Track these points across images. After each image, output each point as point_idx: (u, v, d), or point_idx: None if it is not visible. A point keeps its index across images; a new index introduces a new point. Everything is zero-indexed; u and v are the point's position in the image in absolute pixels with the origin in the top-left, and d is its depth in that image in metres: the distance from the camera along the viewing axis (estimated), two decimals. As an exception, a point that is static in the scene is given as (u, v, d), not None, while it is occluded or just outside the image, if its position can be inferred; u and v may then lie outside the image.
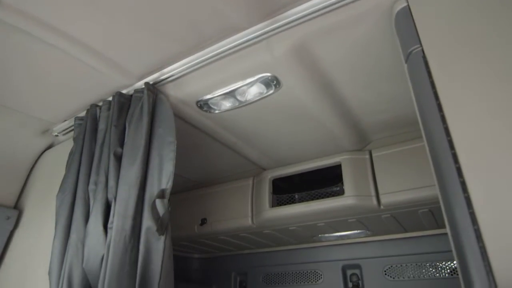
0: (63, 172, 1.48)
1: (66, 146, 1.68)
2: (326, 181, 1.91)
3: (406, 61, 0.97)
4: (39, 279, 1.30)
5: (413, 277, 2.04)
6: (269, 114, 1.56)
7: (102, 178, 1.31)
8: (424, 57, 0.89)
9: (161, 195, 1.26)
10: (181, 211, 2.35)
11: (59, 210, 1.37)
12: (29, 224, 1.58)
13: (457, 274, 1.96)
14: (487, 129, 0.73)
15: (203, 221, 2.19)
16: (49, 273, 1.26)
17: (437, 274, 2.00)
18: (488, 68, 0.80)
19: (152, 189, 1.28)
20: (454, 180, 0.71)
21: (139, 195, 1.25)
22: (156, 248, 1.23)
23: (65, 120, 1.72)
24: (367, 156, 1.79)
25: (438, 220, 1.86)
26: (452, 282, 1.92)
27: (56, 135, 1.80)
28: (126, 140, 1.34)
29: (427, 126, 0.83)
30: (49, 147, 1.91)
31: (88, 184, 1.35)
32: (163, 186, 1.27)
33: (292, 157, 1.96)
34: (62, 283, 1.21)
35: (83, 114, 1.58)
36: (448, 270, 1.98)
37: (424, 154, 1.63)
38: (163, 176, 1.29)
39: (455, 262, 1.98)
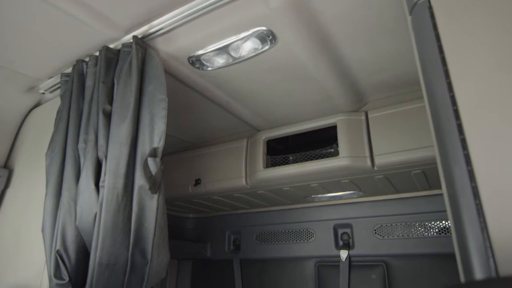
0: (51, 131, 1.44)
1: (53, 104, 1.63)
2: (320, 142, 1.89)
3: (410, 13, 0.91)
4: (33, 236, 1.30)
5: (402, 236, 2.10)
6: (263, 73, 1.51)
7: (91, 137, 1.27)
8: (430, 7, 0.84)
9: (153, 153, 1.23)
10: (175, 171, 2.35)
11: (49, 168, 1.34)
12: (20, 183, 1.56)
13: (445, 233, 2.03)
14: (492, 85, 0.70)
15: (197, 182, 2.20)
16: (42, 231, 1.26)
17: (426, 233, 2.05)
18: (498, 21, 0.75)
19: (143, 148, 1.25)
20: (454, 137, 0.69)
21: (130, 154, 1.23)
22: (150, 206, 1.23)
23: (51, 77, 1.65)
24: (363, 117, 1.77)
25: (430, 181, 1.88)
26: (440, 240, 1.99)
27: (43, 93, 1.73)
28: (115, 97, 1.29)
29: (429, 81, 0.79)
30: (37, 105, 1.85)
31: (77, 143, 1.32)
32: (155, 145, 1.24)
33: (286, 118, 1.93)
34: (56, 240, 1.22)
35: (69, 70, 1.51)
36: (437, 230, 2.03)
37: (420, 115, 1.63)
38: (154, 135, 1.26)
39: (443, 221, 2.04)
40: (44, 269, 1.24)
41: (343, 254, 2.23)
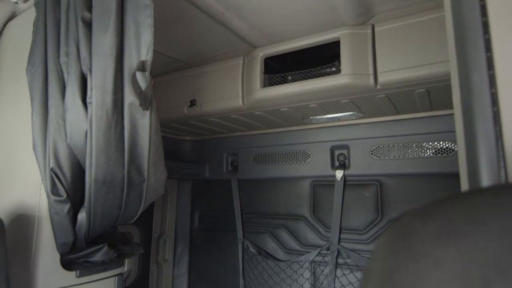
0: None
1: (30, 15, 1.47)
2: (321, 61, 1.78)
3: None
4: (26, 154, 1.28)
5: (399, 156, 2.12)
6: (262, -24, 1.33)
7: (72, 49, 1.17)
8: None
9: (141, 67, 1.14)
10: (169, 92, 2.26)
11: (32, 85, 1.26)
12: (5, 101, 1.48)
13: (441, 154, 2.04)
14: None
15: (192, 103, 2.13)
16: (34, 149, 1.23)
17: (422, 154, 2.07)
18: None
19: (130, 61, 1.15)
20: (478, 36, 0.61)
21: (116, 68, 1.14)
22: (142, 124, 1.18)
23: (22, -18, 1.46)
24: (369, 31, 1.63)
25: (433, 101, 1.83)
26: (435, 160, 2.01)
27: (16, 2, 1.55)
28: (93, 2, 1.14)
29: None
30: (12, 17, 1.68)
31: (58, 56, 1.22)
32: (143, 58, 1.14)
33: (286, 32, 1.78)
34: (49, 158, 1.20)
35: (40, -28, 1.33)
36: (433, 150, 2.04)
37: (431, 28, 1.49)
38: (141, 47, 1.15)
39: (441, 142, 2.04)
40: (41, 186, 1.24)
41: (339, 174, 2.27)
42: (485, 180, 0.57)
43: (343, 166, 2.28)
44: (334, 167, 2.32)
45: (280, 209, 2.51)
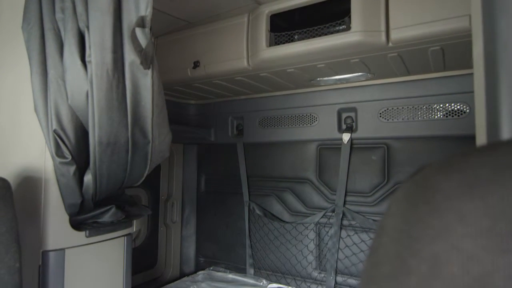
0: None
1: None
2: (330, 17, 1.69)
3: None
4: (29, 116, 1.26)
5: (408, 119, 2.07)
6: None
7: (68, 4, 1.11)
8: None
9: (141, 23, 1.08)
10: (172, 53, 2.19)
11: (29, 44, 1.21)
12: (3, 62, 1.44)
13: (452, 116, 1.99)
14: None
15: (196, 64, 2.07)
16: (35, 111, 1.21)
17: (432, 116, 2.02)
18: None
19: (129, 17, 1.09)
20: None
21: (115, 24, 1.08)
22: (144, 84, 1.15)
23: None
24: (382, -16, 1.53)
25: (447, 60, 1.75)
26: (446, 123, 1.96)
27: (6, -45, 1.46)
28: (87, -49, 1.07)
29: None
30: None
31: (54, 13, 1.16)
32: (142, 13, 1.09)
33: (293, -13, 1.68)
34: (51, 120, 1.17)
35: None
36: (444, 112, 1.99)
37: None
38: (140, 1, 1.09)
39: (452, 104, 1.97)
40: (46, 149, 1.23)
41: (346, 137, 2.24)
42: (506, 132, 0.53)
43: (350, 129, 2.24)
44: (341, 130, 2.28)
45: (286, 173, 2.51)
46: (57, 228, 1.22)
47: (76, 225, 1.29)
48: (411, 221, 0.31)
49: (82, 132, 1.22)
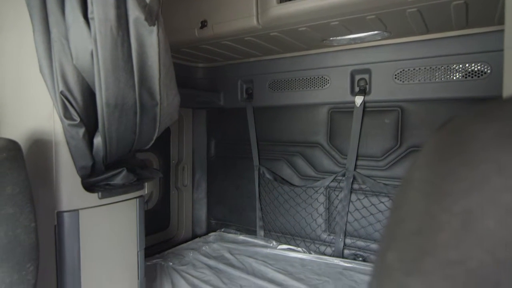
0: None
1: None
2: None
3: None
4: (35, 78, 1.23)
5: (424, 80, 1.99)
6: None
7: (67, -45, 1.04)
8: None
9: (144, -25, 1.02)
10: (178, 13, 2.10)
11: (29, 1, 1.16)
12: (5, 20, 1.40)
13: (471, 77, 1.89)
14: None
15: (203, 24, 1.99)
16: (41, 72, 1.18)
17: (450, 77, 1.93)
18: None
19: (132, -31, 1.03)
20: None
21: (116, -24, 1.02)
22: (150, 42, 1.10)
23: None
24: None
25: (470, 17, 1.63)
26: (465, 84, 1.87)
27: None
28: None
29: None
30: None
31: (53, -35, 1.09)
32: (145, -36, 1.01)
33: None
34: (58, 82, 1.15)
35: None
36: (463, 73, 1.89)
37: None
38: (142, -49, 1.01)
39: (472, 64, 1.87)
40: (54, 111, 1.21)
41: (358, 100, 2.18)
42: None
43: (363, 91, 2.17)
44: (353, 93, 2.21)
45: (296, 137, 2.48)
46: (70, 189, 1.24)
47: (89, 187, 1.30)
48: (442, 173, 0.28)
49: (89, 94, 1.19)
